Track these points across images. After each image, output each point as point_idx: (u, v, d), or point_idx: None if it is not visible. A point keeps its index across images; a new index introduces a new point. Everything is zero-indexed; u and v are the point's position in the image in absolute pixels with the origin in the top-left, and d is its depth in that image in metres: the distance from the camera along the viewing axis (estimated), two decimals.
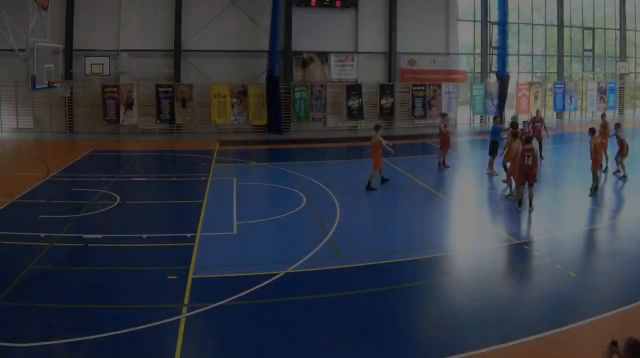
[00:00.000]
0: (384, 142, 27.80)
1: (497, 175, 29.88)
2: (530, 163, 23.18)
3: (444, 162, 32.44)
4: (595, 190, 26.25)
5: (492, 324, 13.59)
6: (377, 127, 28.99)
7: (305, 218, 22.86)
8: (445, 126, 32.73)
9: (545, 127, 35.17)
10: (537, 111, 38.81)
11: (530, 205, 23.41)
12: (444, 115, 35.06)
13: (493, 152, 31.19)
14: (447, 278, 16.84)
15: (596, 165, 26.55)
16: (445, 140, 32.42)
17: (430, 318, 14.42)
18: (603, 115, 35.39)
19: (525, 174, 23.40)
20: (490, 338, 12.84)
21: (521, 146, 24.38)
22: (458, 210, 25.02)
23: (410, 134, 45.95)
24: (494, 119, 35.97)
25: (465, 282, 16.49)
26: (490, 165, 31.08)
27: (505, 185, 27.43)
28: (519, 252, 19.02)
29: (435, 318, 14.30)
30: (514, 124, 29.05)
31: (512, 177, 25.92)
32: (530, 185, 23.35)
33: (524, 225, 22.48)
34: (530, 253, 18.80)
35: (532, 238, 20.64)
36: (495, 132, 32.00)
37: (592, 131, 27.12)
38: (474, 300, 15.10)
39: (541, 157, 31.47)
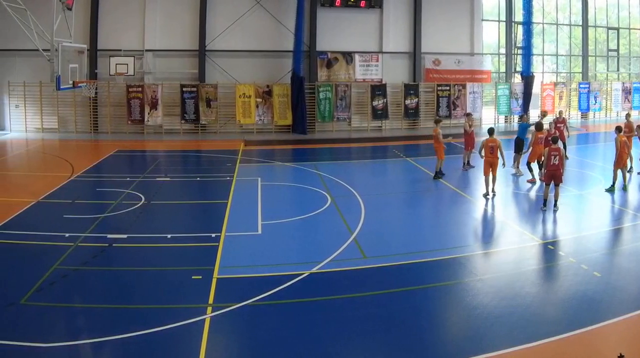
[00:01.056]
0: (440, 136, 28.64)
1: (522, 175, 29.99)
2: (556, 162, 23.24)
3: (468, 162, 32.34)
4: (611, 188, 26.36)
5: (518, 324, 13.51)
6: (437, 121, 30.89)
7: (330, 218, 22.81)
8: (470, 126, 32.61)
9: (567, 128, 34.89)
10: (560, 112, 38.49)
11: (555, 205, 23.39)
12: (468, 115, 34.90)
13: (519, 150, 31.53)
14: (472, 278, 16.70)
15: (618, 163, 26.49)
16: (469, 140, 32.36)
17: (456, 318, 14.38)
18: (628, 115, 35.27)
19: (551, 175, 23.47)
20: (516, 338, 12.81)
21: (547, 146, 24.29)
22: (482, 210, 24.85)
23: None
24: (520, 116, 35.84)
25: (490, 282, 16.33)
26: (517, 163, 31.43)
27: (529, 185, 27.39)
28: (544, 252, 18.94)
29: (461, 319, 14.25)
30: (538, 125, 29.02)
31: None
32: (556, 185, 23.45)
33: (548, 225, 22.33)
34: (555, 253, 18.72)
35: (557, 238, 20.55)
36: (522, 129, 32.47)
37: (618, 129, 27.04)
38: (499, 300, 14.99)
39: (566, 157, 31.36)
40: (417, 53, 50.61)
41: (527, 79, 51.90)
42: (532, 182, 28.16)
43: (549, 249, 19.11)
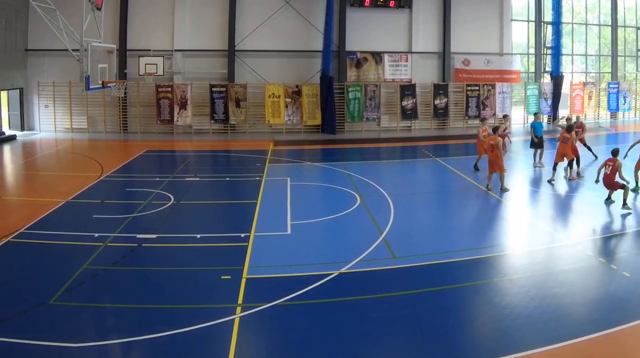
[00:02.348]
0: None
1: (544, 166, 30.88)
2: (608, 172, 23.65)
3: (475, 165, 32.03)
4: (635, 188, 26.21)
5: (547, 324, 13.43)
6: (482, 119, 32.49)
7: (359, 218, 22.73)
8: (504, 129, 32.36)
9: (583, 132, 34.33)
10: (578, 117, 37.93)
11: (624, 205, 23.47)
12: (483, 120, 34.49)
13: (537, 145, 32.84)
14: (501, 278, 16.61)
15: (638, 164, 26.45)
16: (481, 147, 32.01)
17: (485, 318, 14.31)
18: None
19: (606, 185, 23.93)
20: (545, 338, 12.74)
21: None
22: (512, 210, 24.71)
23: (464, 134, 45.61)
24: (535, 114, 35.82)
25: (520, 282, 16.23)
26: (540, 159, 32.54)
27: (552, 184, 27.29)
28: (573, 252, 18.79)
29: (490, 319, 14.18)
30: (570, 127, 29.08)
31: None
32: (615, 190, 23.91)
33: (577, 225, 22.21)
34: (585, 253, 18.56)
35: (586, 238, 20.36)
36: (540, 127, 33.35)
37: None
38: (529, 300, 14.91)
39: (595, 156, 31.25)
40: (446, 53, 50.53)
41: (557, 79, 51.91)
42: (552, 181, 28.06)
43: (578, 249, 18.95)
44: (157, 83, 45.83)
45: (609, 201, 24.27)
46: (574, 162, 29.10)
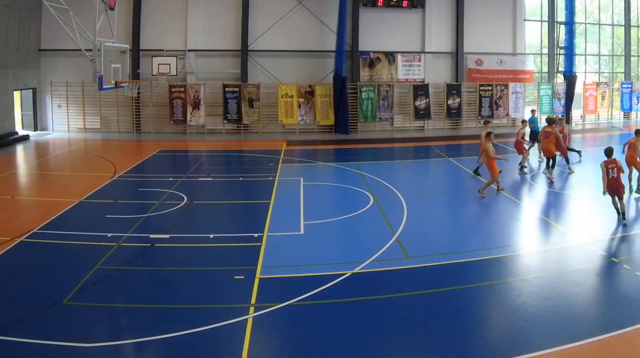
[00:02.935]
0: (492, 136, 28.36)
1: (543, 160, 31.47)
2: (614, 176, 21.83)
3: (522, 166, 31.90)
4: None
5: (560, 324, 13.43)
6: (485, 123, 32.05)
7: (372, 219, 22.71)
8: (522, 136, 32.32)
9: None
10: (558, 118, 37.64)
11: (623, 217, 22.03)
12: (486, 122, 34.17)
13: (533, 140, 34.20)
14: (514, 278, 16.60)
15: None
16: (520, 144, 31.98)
17: (498, 318, 14.29)
18: None
19: (611, 188, 21.90)
20: (558, 338, 12.73)
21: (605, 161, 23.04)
22: (524, 210, 24.62)
23: (477, 134, 45.34)
24: (532, 111, 37.82)
25: (533, 282, 16.22)
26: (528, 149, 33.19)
27: (574, 186, 27.34)
28: (586, 252, 18.74)
29: (503, 319, 14.16)
30: (551, 120, 30.49)
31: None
32: (620, 198, 22.00)
33: (590, 225, 22.03)
34: (598, 253, 18.53)
35: (599, 238, 20.25)
36: (533, 123, 35.50)
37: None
38: (542, 300, 14.90)
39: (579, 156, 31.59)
40: (459, 53, 50.55)
41: (570, 79, 51.79)
42: (522, 169, 29.71)
43: (591, 249, 18.91)
44: (170, 83, 45.91)
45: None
46: (567, 159, 29.96)
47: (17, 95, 45.30)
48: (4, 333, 12.84)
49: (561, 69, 53.40)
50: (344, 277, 16.28)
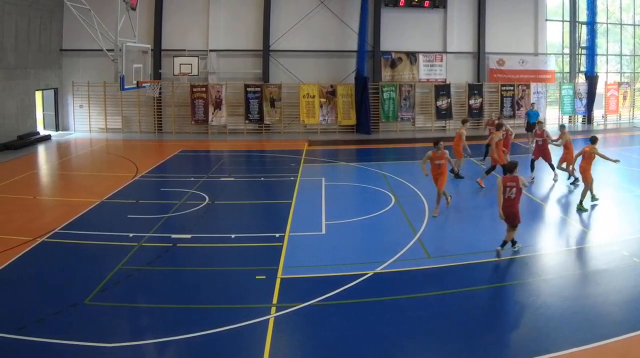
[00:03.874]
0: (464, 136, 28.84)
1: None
2: (512, 196, 18.28)
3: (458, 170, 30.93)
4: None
5: (581, 325, 13.43)
6: (464, 122, 31.57)
7: (394, 218, 22.72)
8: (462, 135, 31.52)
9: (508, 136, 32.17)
10: (499, 118, 34.99)
11: (502, 246, 18.53)
12: (465, 121, 33.23)
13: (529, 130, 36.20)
14: (535, 278, 16.58)
15: None
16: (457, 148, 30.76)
17: (519, 318, 14.23)
18: None
19: (507, 213, 18.35)
20: (579, 338, 12.72)
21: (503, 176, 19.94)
22: (546, 210, 24.62)
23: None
24: (532, 104, 40.51)
25: (554, 282, 16.22)
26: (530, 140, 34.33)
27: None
28: (607, 252, 18.68)
29: (524, 319, 14.12)
30: (498, 125, 29.74)
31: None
32: (513, 227, 18.56)
33: (611, 226, 22.01)
34: (619, 253, 18.44)
35: (621, 238, 20.14)
36: (531, 115, 37.62)
37: None
38: (563, 300, 14.90)
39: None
40: (481, 53, 50.43)
41: (591, 79, 51.60)
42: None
43: (613, 249, 18.84)
44: (191, 83, 46.01)
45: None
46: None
47: (38, 95, 45.52)
48: (26, 333, 12.91)
49: (583, 69, 53.14)
50: (365, 277, 16.27)
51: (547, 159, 29.11)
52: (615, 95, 53.69)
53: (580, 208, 23.49)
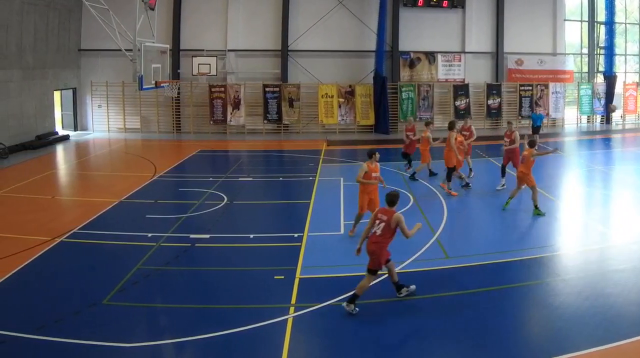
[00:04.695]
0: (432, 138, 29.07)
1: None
2: (378, 232, 15.06)
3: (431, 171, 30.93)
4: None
5: (600, 325, 13.35)
6: (427, 124, 30.90)
7: (412, 218, 22.19)
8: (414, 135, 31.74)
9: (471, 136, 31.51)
10: (466, 121, 33.03)
11: (351, 302, 14.79)
12: (428, 124, 31.89)
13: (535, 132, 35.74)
14: (554, 278, 16.52)
15: None
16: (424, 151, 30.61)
17: (538, 318, 14.24)
18: None
19: (368, 251, 15.38)
20: (599, 338, 12.68)
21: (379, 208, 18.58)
22: (564, 210, 24.50)
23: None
24: (537, 107, 40.97)
25: (573, 282, 16.16)
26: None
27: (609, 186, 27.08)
28: (627, 252, 18.63)
29: (543, 319, 14.09)
30: (450, 124, 28.49)
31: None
32: (371, 272, 14.80)
33: (631, 225, 21.86)
34: (638, 254, 18.40)
35: None
36: (534, 119, 37.51)
37: None
38: (582, 300, 14.83)
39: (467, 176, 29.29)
40: (499, 53, 50.44)
41: (610, 79, 51.54)
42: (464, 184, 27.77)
43: (632, 249, 18.80)
44: (210, 83, 46.17)
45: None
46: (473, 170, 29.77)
47: (57, 95, 45.74)
48: (45, 333, 12.94)
49: (601, 69, 53.16)
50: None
51: (515, 163, 26.88)
52: (634, 95, 53.57)
53: (538, 214, 22.89)
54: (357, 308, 14.20)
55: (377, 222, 15.01)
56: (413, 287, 15.35)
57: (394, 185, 27.24)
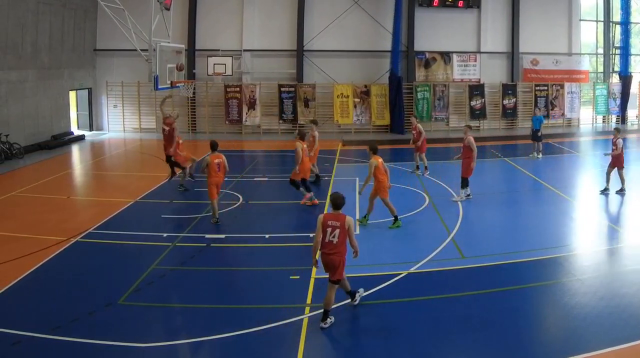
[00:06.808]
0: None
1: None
2: (334, 241, 14.26)
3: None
4: None
5: (616, 325, 13.33)
6: (313, 121, 30.79)
7: (428, 218, 22.69)
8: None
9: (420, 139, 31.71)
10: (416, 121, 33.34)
11: (325, 318, 14.64)
12: (467, 127, 30.75)
13: (535, 138, 35.40)
14: (570, 278, 16.48)
15: None
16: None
17: (554, 318, 14.21)
18: None
19: (325, 262, 14.55)
20: (614, 338, 12.66)
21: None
22: (580, 210, 24.45)
23: (527, 135, 45.14)
24: (537, 109, 40.13)
25: (589, 282, 16.09)
26: (539, 149, 34.61)
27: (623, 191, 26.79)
28: None
29: (559, 319, 14.09)
30: (300, 133, 27.78)
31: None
32: (333, 281, 14.42)
33: None
34: None
35: None
36: (539, 121, 35.80)
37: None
38: (598, 300, 14.79)
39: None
40: (515, 53, 50.32)
41: (625, 79, 51.32)
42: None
43: None
44: (225, 83, 46.24)
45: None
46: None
47: (72, 95, 45.88)
48: (60, 333, 12.99)
49: (617, 68, 52.96)
50: (399, 276, 16.27)
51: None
52: None
53: (362, 222, 21.96)
54: (331, 317, 13.61)
55: (330, 229, 14.11)
56: (361, 290, 15.09)
57: (410, 185, 27.64)
